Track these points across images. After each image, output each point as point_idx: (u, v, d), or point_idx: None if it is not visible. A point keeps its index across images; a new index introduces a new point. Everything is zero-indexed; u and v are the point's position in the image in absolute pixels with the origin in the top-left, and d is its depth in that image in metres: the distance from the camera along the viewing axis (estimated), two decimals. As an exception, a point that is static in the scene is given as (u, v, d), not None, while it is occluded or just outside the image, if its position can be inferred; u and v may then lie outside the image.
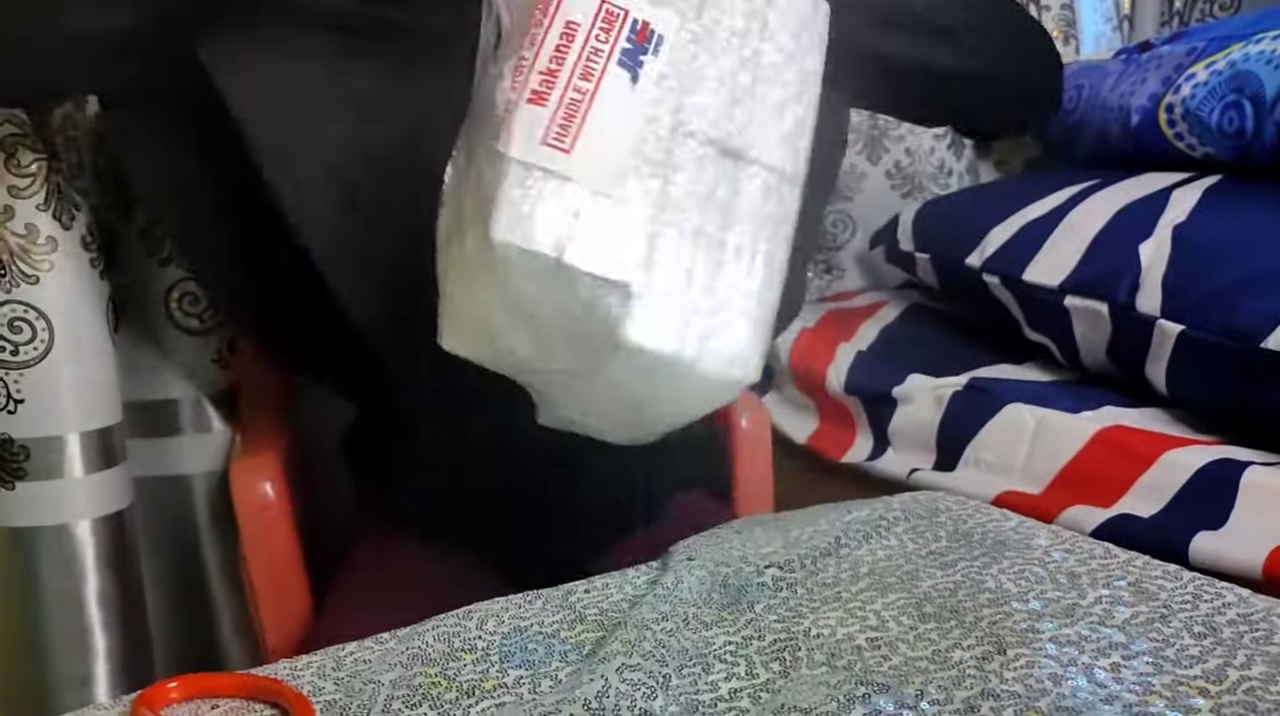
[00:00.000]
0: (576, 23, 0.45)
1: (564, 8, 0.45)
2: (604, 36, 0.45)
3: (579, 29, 0.45)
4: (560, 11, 0.45)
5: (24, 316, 0.70)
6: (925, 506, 0.58)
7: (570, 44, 0.45)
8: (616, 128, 0.45)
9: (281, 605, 0.73)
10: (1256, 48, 0.83)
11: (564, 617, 0.47)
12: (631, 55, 0.45)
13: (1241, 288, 0.72)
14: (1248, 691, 0.38)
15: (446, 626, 0.46)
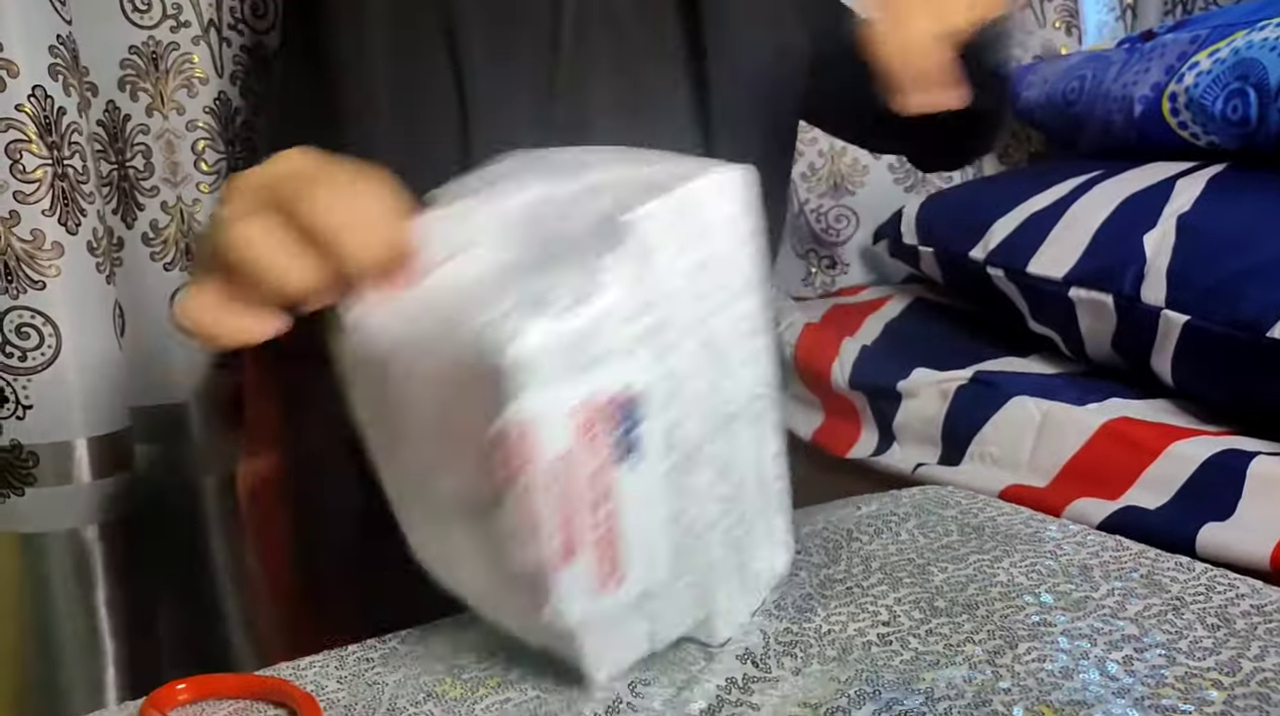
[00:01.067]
0: (565, 451, 0.36)
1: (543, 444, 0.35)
2: (595, 446, 0.36)
3: (570, 457, 0.36)
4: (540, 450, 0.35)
5: (31, 322, 0.70)
6: (934, 500, 0.58)
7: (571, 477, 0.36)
8: (646, 525, 0.39)
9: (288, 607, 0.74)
10: (1260, 35, 0.83)
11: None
12: (628, 434, 0.37)
13: (1247, 277, 0.71)
14: (1261, 683, 0.38)
15: (449, 627, 0.47)
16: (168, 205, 0.83)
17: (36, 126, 0.69)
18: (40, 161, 0.69)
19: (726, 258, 0.41)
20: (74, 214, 0.71)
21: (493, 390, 0.34)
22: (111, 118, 0.81)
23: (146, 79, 0.81)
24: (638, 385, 0.38)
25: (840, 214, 1.16)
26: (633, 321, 0.37)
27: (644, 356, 0.38)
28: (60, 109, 0.71)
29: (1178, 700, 0.38)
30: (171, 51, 0.81)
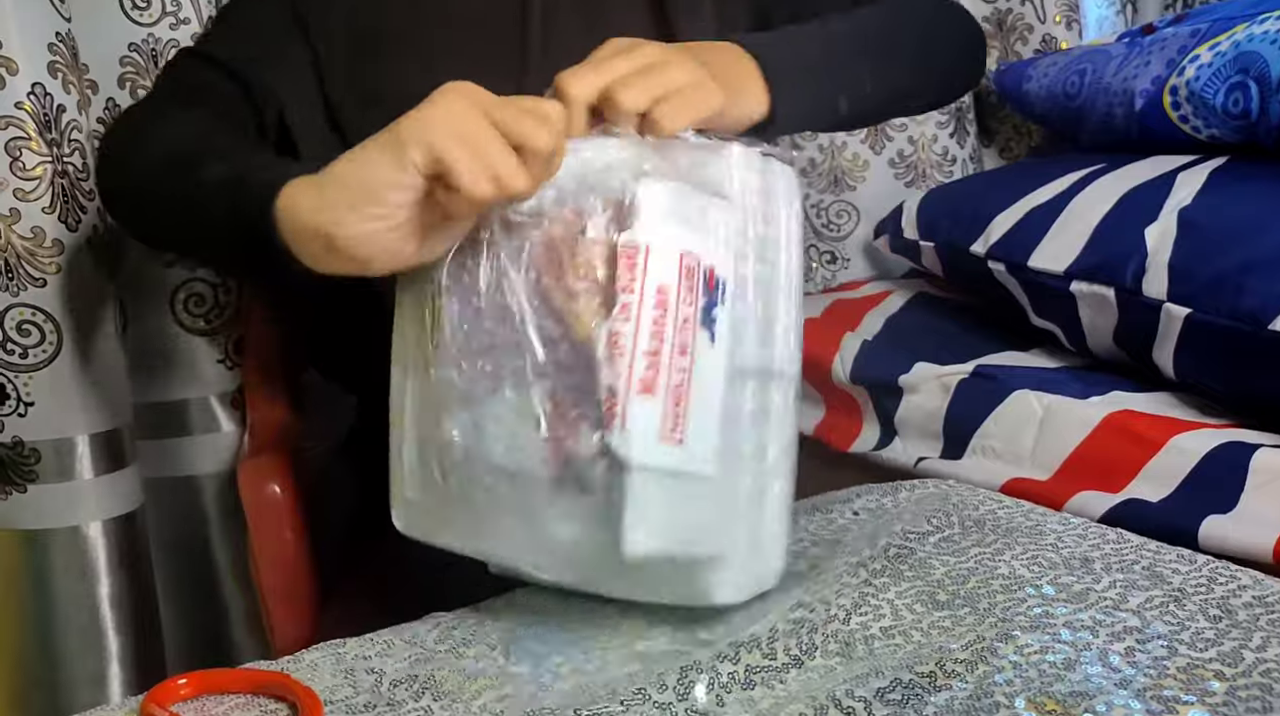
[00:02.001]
0: (667, 286, 0.41)
1: (652, 270, 0.40)
2: (689, 298, 0.41)
3: (669, 294, 0.41)
4: (649, 275, 0.40)
5: (32, 319, 0.70)
6: (936, 494, 0.58)
7: (665, 314, 0.40)
8: (710, 402, 0.42)
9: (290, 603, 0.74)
10: (1261, 28, 0.83)
11: (562, 608, 0.47)
12: (708, 311, 0.42)
13: (1249, 270, 0.71)
14: (1264, 673, 0.38)
15: (446, 621, 0.47)
16: (168, 202, 0.83)
17: (36, 124, 0.69)
18: (40, 159, 0.69)
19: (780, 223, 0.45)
20: (74, 211, 0.71)
21: (617, 216, 0.41)
22: (112, 115, 0.81)
23: (146, 76, 0.81)
24: (722, 272, 0.43)
25: (841, 209, 1.16)
26: (727, 222, 0.43)
27: (729, 256, 0.43)
28: (60, 106, 0.71)
29: (1179, 691, 0.38)
30: (171, 49, 0.81)
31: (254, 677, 0.43)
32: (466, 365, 0.43)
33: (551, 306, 0.41)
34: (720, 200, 0.43)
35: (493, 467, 0.42)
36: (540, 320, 0.42)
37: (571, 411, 0.41)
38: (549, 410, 0.41)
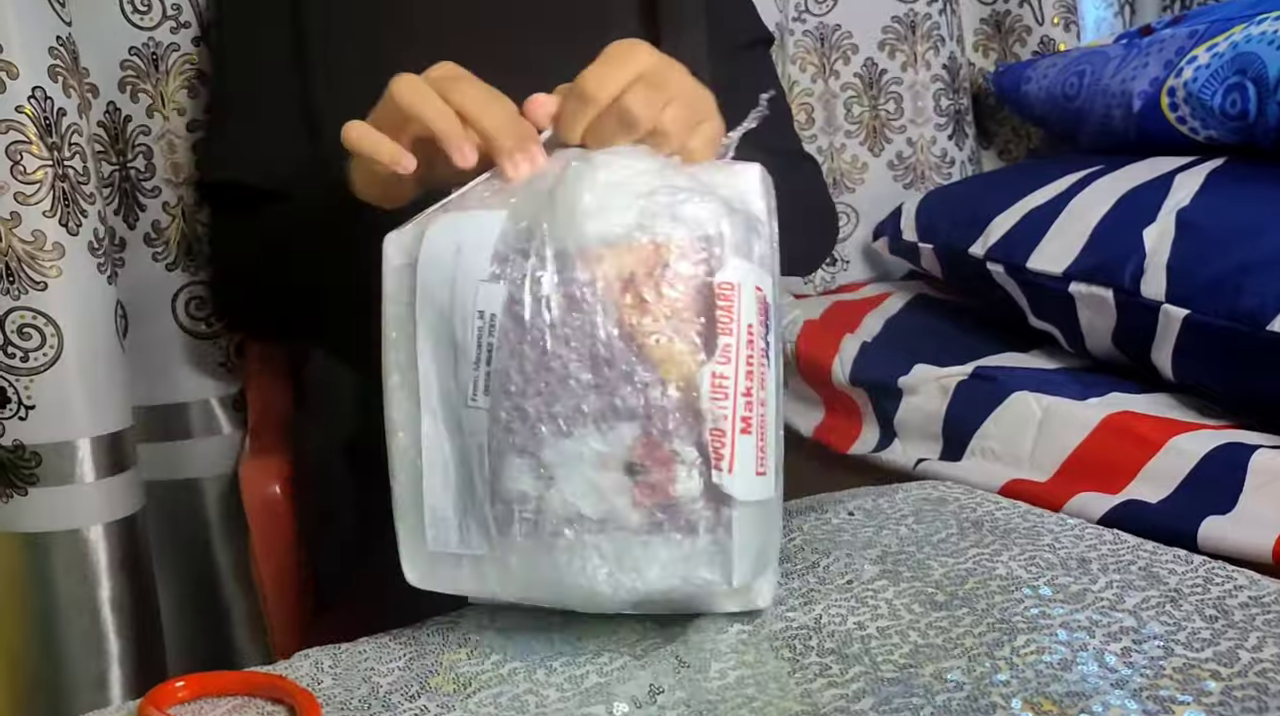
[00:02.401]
0: (753, 325, 0.40)
1: (743, 309, 0.40)
2: (763, 332, 0.41)
3: (755, 332, 0.40)
4: (742, 314, 0.40)
5: (33, 323, 0.70)
6: (933, 496, 0.58)
7: (752, 351, 0.40)
8: (777, 429, 0.43)
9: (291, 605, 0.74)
10: (1258, 29, 0.83)
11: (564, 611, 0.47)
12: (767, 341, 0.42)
13: (1247, 270, 0.71)
14: (1260, 674, 0.38)
15: (442, 623, 0.47)
16: (169, 206, 0.83)
17: (37, 128, 0.69)
18: (41, 163, 0.69)
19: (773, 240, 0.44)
20: (75, 215, 0.72)
21: (703, 250, 0.40)
22: (112, 119, 0.81)
23: (147, 80, 0.81)
24: (770, 299, 0.42)
25: (840, 211, 1.16)
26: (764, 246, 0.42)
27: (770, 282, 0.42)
28: (60, 110, 0.71)
29: (1176, 691, 0.38)
30: (172, 52, 0.81)
31: (251, 680, 0.43)
32: (531, 408, 0.40)
33: (635, 345, 0.40)
34: (760, 225, 0.42)
35: (570, 516, 0.40)
36: (625, 360, 0.40)
37: (663, 452, 0.40)
38: (640, 453, 0.40)
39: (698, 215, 0.40)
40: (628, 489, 0.40)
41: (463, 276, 0.41)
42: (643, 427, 0.40)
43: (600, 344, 0.40)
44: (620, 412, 0.40)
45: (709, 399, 0.40)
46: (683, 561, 0.41)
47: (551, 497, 0.40)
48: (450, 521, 0.42)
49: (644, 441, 0.40)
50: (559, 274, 0.40)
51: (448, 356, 0.41)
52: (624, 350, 0.40)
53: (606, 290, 0.40)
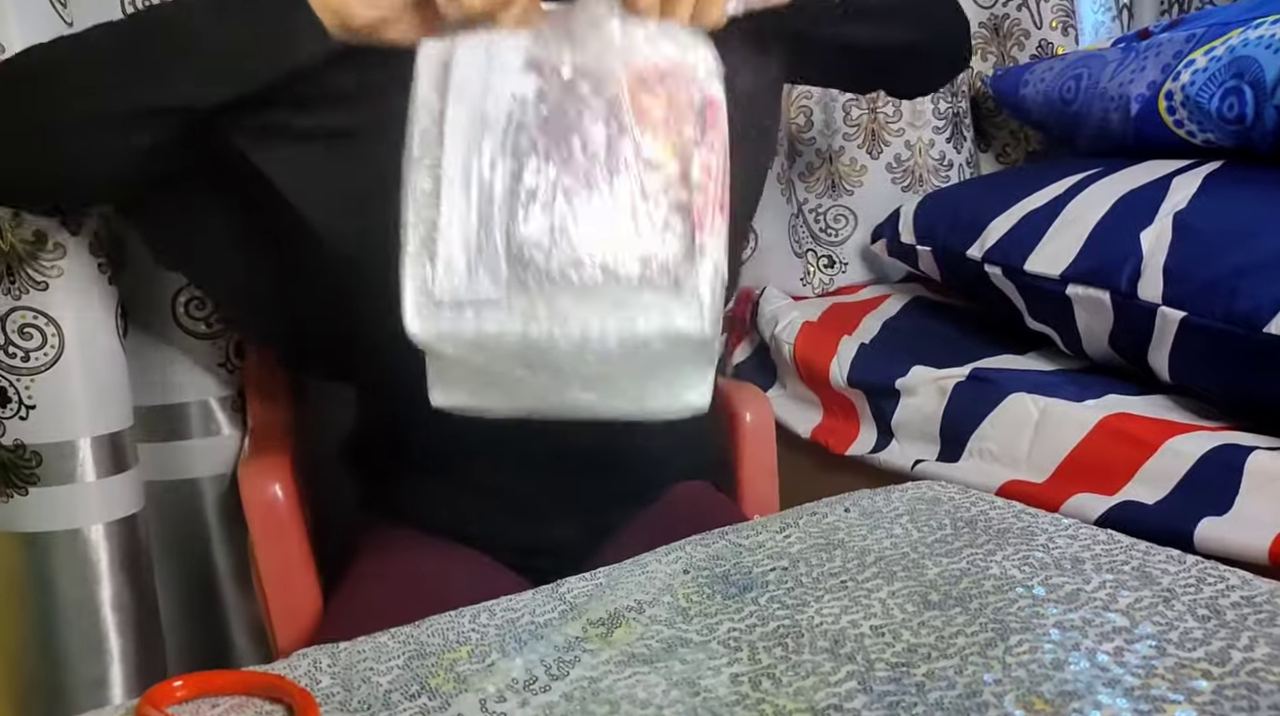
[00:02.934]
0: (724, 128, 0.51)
1: (722, 118, 0.51)
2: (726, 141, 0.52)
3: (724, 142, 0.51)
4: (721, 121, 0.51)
5: (34, 322, 0.70)
6: (928, 496, 0.58)
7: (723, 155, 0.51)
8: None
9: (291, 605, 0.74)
10: (1256, 33, 0.83)
11: (558, 609, 0.47)
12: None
13: (1244, 273, 0.72)
14: (1251, 673, 0.39)
15: (441, 622, 0.47)
16: (169, 207, 0.83)
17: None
18: (42, 163, 0.69)
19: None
20: (76, 215, 0.72)
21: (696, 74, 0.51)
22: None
23: (148, 81, 0.81)
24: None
25: (838, 213, 1.17)
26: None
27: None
28: (62, 111, 0.71)
29: (1167, 690, 0.38)
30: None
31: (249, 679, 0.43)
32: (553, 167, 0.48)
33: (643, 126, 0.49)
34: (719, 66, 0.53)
35: (576, 261, 0.47)
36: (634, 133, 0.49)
37: (658, 213, 0.48)
38: (639, 211, 0.48)
39: (694, 44, 0.52)
40: (626, 242, 0.48)
41: (497, 68, 0.50)
42: (643, 190, 0.48)
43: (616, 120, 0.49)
44: (626, 175, 0.48)
45: (699, 173, 0.49)
46: (665, 310, 0.48)
47: (561, 244, 0.47)
48: (460, 270, 0.48)
49: (643, 201, 0.48)
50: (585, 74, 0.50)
51: (476, 131, 0.49)
52: (633, 126, 0.49)
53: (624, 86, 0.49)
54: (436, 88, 0.50)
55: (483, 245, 0.48)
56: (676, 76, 0.50)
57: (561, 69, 0.50)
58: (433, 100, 0.50)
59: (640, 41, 0.51)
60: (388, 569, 0.70)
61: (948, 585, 0.47)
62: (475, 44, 0.51)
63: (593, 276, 0.47)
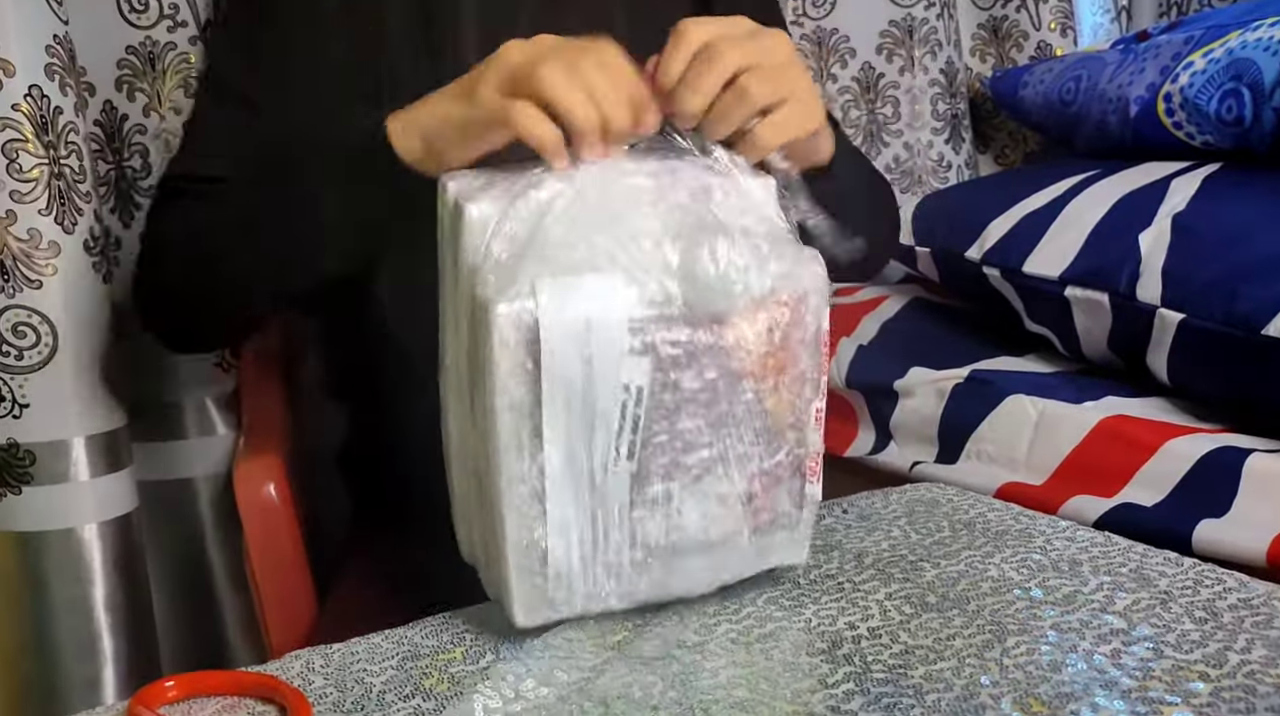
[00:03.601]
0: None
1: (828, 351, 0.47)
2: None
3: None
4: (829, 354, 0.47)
5: (27, 321, 0.70)
6: (926, 497, 0.58)
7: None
8: None
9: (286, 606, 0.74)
10: (1254, 35, 0.83)
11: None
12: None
13: (1242, 275, 0.71)
14: (1248, 675, 0.38)
15: (434, 624, 0.47)
16: (165, 205, 0.83)
17: (33, 126, 0.69)
18: (37, 161, 0.69)
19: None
20: (71, 213, 0.72)
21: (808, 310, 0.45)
22: (109, 117, 0.81)
23: (144, 79, 0.81)
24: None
25: (837, 214, 1.17)
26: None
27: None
28: (57, 108, 0.71)
29: (1164, 691, 0.38)
30: (168, 51, 0.81)
31: (242, 680, 0.43)
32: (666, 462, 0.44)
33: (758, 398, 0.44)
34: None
35: (689, 546, 0.45)
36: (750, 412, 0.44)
37: (771, 479, 0.46)
38: (755, 485, 0.45)
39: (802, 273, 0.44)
40: (741, 516, 0.46)
41: (601, 350, 0.42)
42: (759, 466, 0.45)
43: (730, 403, 0.44)
44: (744, 457, 0.45)
45: (813, 430, 0.46)
46: (767, 555, 0.48)
47: (683, 535, 0.45)
48: (574, 573, 0.44)
49: (760, 477, 0.45)
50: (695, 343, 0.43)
51: (581, 426, 0.42)
52: (752, 404, 0.44)
53: (735, 352, 0.43)
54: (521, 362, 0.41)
55: (599, 545, 0.44)
56: (796, 312, 0.44)
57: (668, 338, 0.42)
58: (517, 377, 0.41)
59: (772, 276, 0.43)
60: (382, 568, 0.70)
61: (945, 587, 0.47)
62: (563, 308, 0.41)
63: (708, 551, 0.46)
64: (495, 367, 0.41)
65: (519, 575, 0.43)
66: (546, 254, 0.42)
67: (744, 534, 0.46)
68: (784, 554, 0.48)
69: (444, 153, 0.49)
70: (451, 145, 0.48)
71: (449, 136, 0.48)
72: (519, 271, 0.42)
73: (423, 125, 0.49)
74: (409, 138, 0.50)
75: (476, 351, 0.42)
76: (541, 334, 0.41)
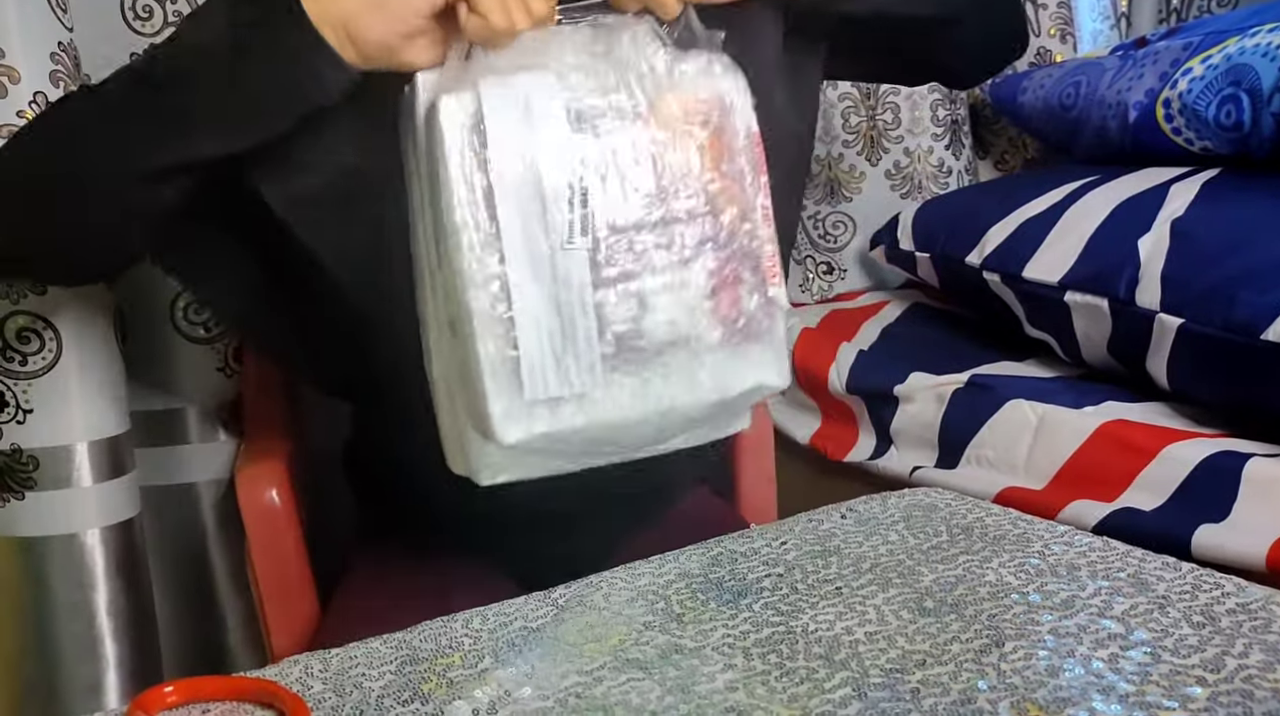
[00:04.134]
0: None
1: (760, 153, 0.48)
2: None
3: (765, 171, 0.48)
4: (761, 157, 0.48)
5: (32, 327, 0.70)
6: (924, 502, 0.58)
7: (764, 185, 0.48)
8: None
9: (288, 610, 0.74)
10: (1252, 41, 0.83)
11: (551, 614, 0.47)
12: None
13: (1241, 280, 0.72)
14: (1245, 680, 0.38)
15: (433, 628, 0.47)
16: (168, 212, 0.83)
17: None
18: (41, 168, 0.70)
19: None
20: (74, 220, 0.72)
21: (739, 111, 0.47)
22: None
23: (147, 87, 0.82)
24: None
25: (837, 220, 1.17)
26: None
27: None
28: (62, 116, 0.71)
29: (1162, 696, 0.38)
30: (172, 59, 0.82)
31: (241, 685, 0.43)
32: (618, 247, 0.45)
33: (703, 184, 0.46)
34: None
35: (659, 341, 0.46)
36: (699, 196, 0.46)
37: (730, 273, 0.46)
38: (715, 276, 0.46)
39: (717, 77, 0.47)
40: (707, 310, 0.46)
41: (543, 131, 0.44)
42: (714, 254, 0.46)
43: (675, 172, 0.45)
44: (698, 246, 0.46)
45: (762, 225, 0.47)
46: (752, 371, 0.47)
47: (645, 321, 0.45)
48: (548, 367, 0.44)
49: (717, 266, 0.46)
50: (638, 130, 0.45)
51: (533, 207, 0.44)
52: (699, 189, 0.46)
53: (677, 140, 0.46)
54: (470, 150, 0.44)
55: (568, 334, 0.44)
56: (721, 111, 0.47)
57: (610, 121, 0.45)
58: (469, 167, 0.44)
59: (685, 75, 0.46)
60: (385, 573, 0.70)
61: (943, 592, 0.47)
62: (505, 95, 0.44)
63: (680, 350, 0.46)
64: (447, 160, 0.43)
65: (494, 384, 0.44)
66: (487, 66, 0.46)
67: (715, 333, 0.46)
68: (762, 372, 0.47)
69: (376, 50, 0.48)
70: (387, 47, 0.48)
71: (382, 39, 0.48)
72: (462, 79, 0.45)
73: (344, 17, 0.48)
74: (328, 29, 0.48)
75: (433, 168, 0.45)
76: (486, 117, 0.43)
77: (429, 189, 0.46)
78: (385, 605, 0.63)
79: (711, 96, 0.47)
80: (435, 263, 0.46)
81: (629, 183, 0.45)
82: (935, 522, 0.55)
